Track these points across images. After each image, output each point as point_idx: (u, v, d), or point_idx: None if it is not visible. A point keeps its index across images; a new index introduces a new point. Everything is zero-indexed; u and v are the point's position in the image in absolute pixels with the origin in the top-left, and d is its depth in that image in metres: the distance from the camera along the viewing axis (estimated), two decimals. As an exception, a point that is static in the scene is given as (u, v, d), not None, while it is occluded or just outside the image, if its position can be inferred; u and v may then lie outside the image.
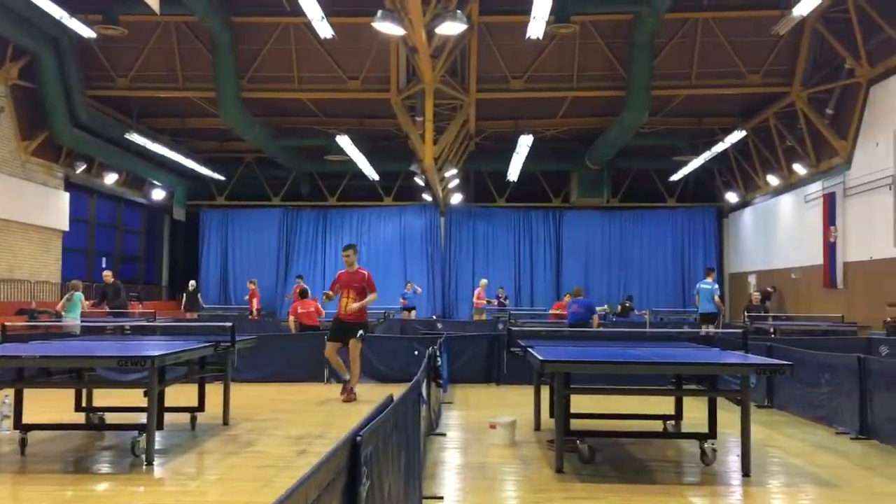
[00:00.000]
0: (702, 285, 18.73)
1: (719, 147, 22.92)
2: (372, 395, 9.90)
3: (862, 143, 18.69)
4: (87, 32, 16.89)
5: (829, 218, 20.18)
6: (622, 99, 20.06)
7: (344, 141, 21.63)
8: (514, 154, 23.08)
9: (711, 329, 16.96)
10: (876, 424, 7.72)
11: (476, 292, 24.01)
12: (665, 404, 8.18)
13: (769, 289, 23.14)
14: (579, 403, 6.99)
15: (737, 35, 19.45)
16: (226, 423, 8.32)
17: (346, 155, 23.50)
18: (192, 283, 24.34)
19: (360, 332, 10.37)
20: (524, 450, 7.25)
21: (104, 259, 25.46)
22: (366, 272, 10.48)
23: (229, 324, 8.78)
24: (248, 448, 7.19)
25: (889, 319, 15.36)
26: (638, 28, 18.07)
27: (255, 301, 22.51)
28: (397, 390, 4.72)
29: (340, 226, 29.68)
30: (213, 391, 8.50)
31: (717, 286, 18.97)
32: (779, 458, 7.02)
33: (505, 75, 20.62)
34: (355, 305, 10.18)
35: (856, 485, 6.08)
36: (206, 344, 7.90)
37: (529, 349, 7.18)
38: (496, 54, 20.11)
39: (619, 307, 24.77)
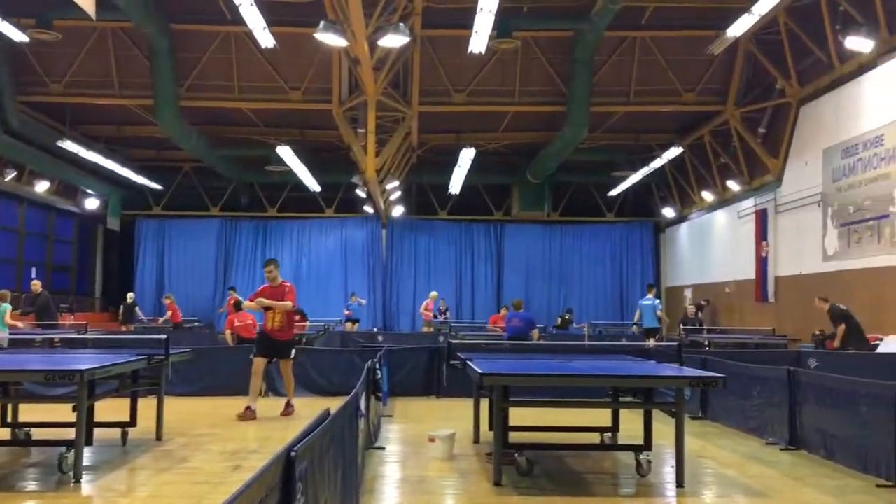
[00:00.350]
0: (643, 302, 19.27)
1: (656, 163, 23.44)
2: (311, 408, 9.78)
3: (792, 161, 19.30)
4: (19, 37, 16.37)
5: (761, 233, 20.77)
6: (563, 114, 20.34)
7: (285, 152, 21.43)
8: (456, 167, 23.20)
9: (652, 342, 17.36)
10: (805, 435, 7.93)
11: (424, 304, 23.95)
12: (602, 416, 8.27)
13: (702, 302, 23.67)
14: (518, 416, 7.01)
15: (673, 54, 19.93)
16: (159, 438, 8.11)
17: (287, 166, 23.30)
18: (130, 294, 23.74)
19: (293, 351, 10.31)
20: (463, 463, 7.24)
21: (34, 269, 24.66)
22: (288, 285, 10.33)
23: (164, 336, 8.59)
24: (182, 464, 7.02)
25: (817, 332, 15.83)
26: (578, 45, 18.37)
27: (169, 314, 22.12)
28: (336, 404, 4.67)
29: (281, 237, 29.37)
30: (147, 405, 8.29)
31: (658, 301, 19.53)
32: (712, 469, 7.16)
33: (447, 89, 20.72)
34: (266, 302, 10.01)
35: (785, 495, 6.22)
36: (139, 357, 7.71)
37: (469, 362, 7.19)
38: (439, 68, 20.20)
39: (559, 320, 25.03)
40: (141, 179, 26.34)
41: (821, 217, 17.70)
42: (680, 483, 6.25)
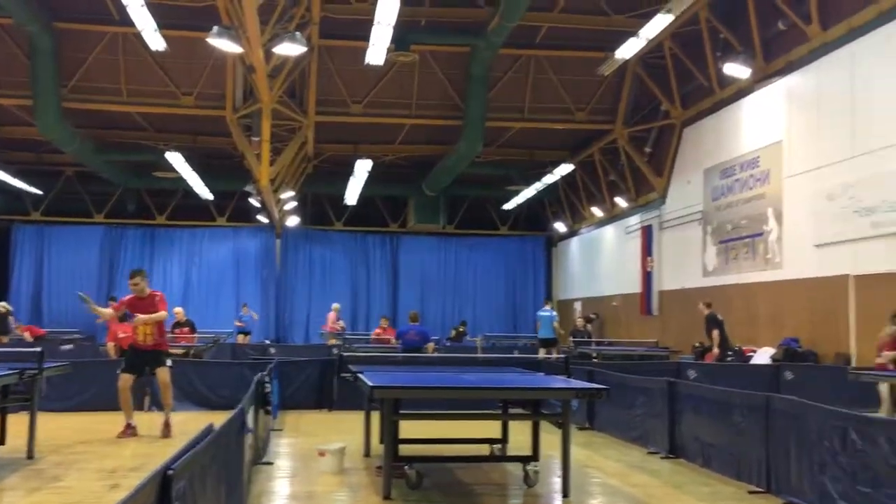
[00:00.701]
0: (541, 313, 19.81)
1: (549, 179, 24.02)
2: (198, 423, 9.48)
3: (676, 180, 20.16)
4: None
5: (647, 249, 21.58)
6: (459, 128, 20.59)
7: (175, 158, 20.81)
8: (352, 178, 23.12)
9: (554, 353, 17.83)
10: (683, 444, 8.25)
11: (329, 316, 23.65)
12: (493, 428, 8.36)
13: (591, 315, 24.36)
14: (410, 429, 7.02)
15: (566, 73, 20.49)
16: (30, 456, 7.68)
17: (177, 172, 22.62)
18: (2, 304, 22.42)
19: (169, 360, 9.80)
20: (353, 477, 7.18)
21: None
22: (158, 294, 9.80)
23: (38, 349, 8.16)
24: (54, 483, 6.67)
25: (697, 345, 16.52)
26: (474, 61, 18.65)
27: (27, 334, 21.14)
28: (224, 418, 4.56)
29: (170, 246, 28.49)
30: (18, 422, 7.85)
31: (555, 313, 20.12)
32: (597, 479, 7.35)
33: (344, 99, 20.63)
34: (143, 318, 9.52)
35: (665, 502, 6.45)
36: (9, 372, 7.29)
37: (360, 375, 7.14)
38: (336, 78, 20.10)
39: (453, 332, 25.24)
40: (18, 183, 25.01)
41: (701, 234, 18.54)
42: (566, 493, 6.38)
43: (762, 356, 14.79)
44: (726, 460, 7.31)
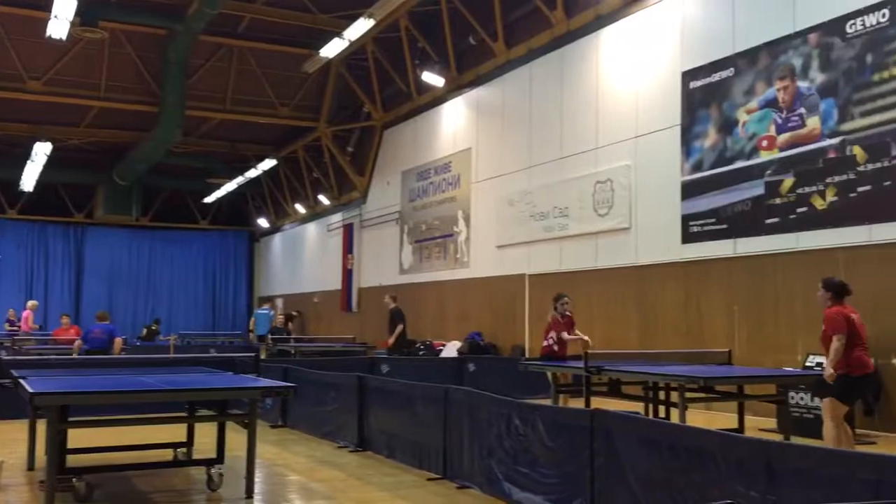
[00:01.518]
0: (259, 311, 19.74)
1: (252, 173, 23.58)
2: None
3: (376, 180, 20.79)
4: None
5: (348, 247, 22.03)
6: (155, 115, 19.46)
7: None
8: (29, 162, 20.94)
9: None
10: (371, 436, 8.50)
11: (25, 315, 20.87)
12: (178, 432, 7.99)
13: (292, 313, 24.32)
14: (85, 437, 6.47)
15: (270, 67, 20.24)
16: None
17: None
18: None
19: None
20: (11, 494, 6.47)
21: None
22: None
23: None
24: None
25: (389, 341, 17.14)
26: (172, 45, 17.75)
27: None
28: None
29: None
30: None
31: (272, 312, 20.09)
32: (283, 477, 7.32)
33: (20, 73, 18.58)
34: None
35: (349, 494, 6.59)
36: None
37: (21, 381, 6.44)
38: (10, 49, 18.02)
39: (145, 331, 23.85)
40: None
41: (398, 233, 19.31)
42: (249, 494, 6.28)
43: (450, 349, 15.75)
44: (409, 450, 7.65)
